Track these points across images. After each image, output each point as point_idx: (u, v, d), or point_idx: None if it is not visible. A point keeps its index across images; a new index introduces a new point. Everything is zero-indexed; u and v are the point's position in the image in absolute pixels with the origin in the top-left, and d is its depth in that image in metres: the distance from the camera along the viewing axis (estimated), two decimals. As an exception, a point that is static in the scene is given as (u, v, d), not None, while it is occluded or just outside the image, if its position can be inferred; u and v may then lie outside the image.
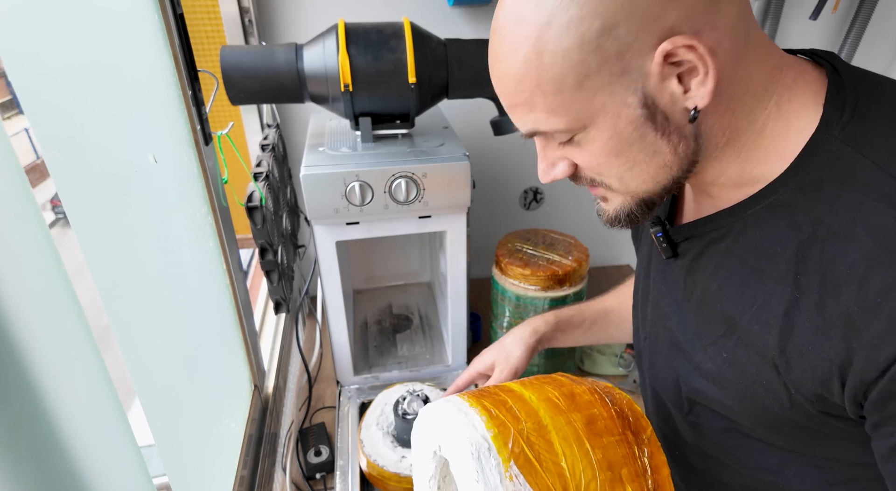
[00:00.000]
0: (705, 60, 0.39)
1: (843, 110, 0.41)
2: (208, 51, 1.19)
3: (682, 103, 0.41)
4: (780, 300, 0.43)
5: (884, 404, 0.39)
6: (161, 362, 0.57)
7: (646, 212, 0.49)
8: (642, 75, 0.40)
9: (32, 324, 0.34)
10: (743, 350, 0.47)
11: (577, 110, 0.43)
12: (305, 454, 0.98)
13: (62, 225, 0.43)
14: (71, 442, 0.37)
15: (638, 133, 0.43)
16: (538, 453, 0.44)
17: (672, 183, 0.46)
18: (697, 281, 0.52)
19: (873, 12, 1.27)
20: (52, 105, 0.43)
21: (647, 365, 0.63)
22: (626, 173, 0.46)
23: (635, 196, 0.48)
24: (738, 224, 0.47)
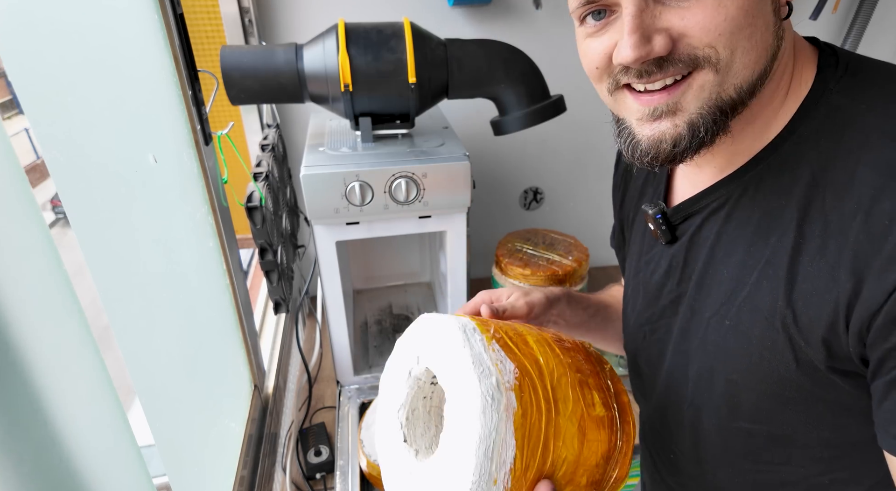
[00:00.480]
0: None
1: (836, 68, 0.44)
2: (208, 51, 1.19)
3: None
4: (785, 250, 0.44)
5: (889, 331, 0.38)
6: (161, 362, 0.57)
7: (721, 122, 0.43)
8: None
9: (32, 324, 0.34)
10: (747, 313, 0.47)
11: None
12: (305, 454, 0.98)
13: (62, 225, 0.43)
14: (71, 442, 0.37)
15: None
16: (516, 343, 0.47)
17: (758, 79, 0.43)
18: (697, 255, 0.52)
19: (873, 12, 1.27)
20: (52, 105, 0.43)
21: (653, 365, 0.61)
22: (746, 43, 0.41)
23: (725, 90, 0.42)
24: (737, 189, 0.48)
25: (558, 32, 1.24)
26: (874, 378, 0.42)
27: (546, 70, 0.89)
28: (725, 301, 0.49)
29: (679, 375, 0.57)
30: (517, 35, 1.22)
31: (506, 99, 0.88)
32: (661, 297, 0.57)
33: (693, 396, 0.56)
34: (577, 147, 1.41)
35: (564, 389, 0.45)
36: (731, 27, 0.40)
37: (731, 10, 0.39)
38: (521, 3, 1.21)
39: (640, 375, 0.65)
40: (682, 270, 0.54)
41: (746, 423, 0.52)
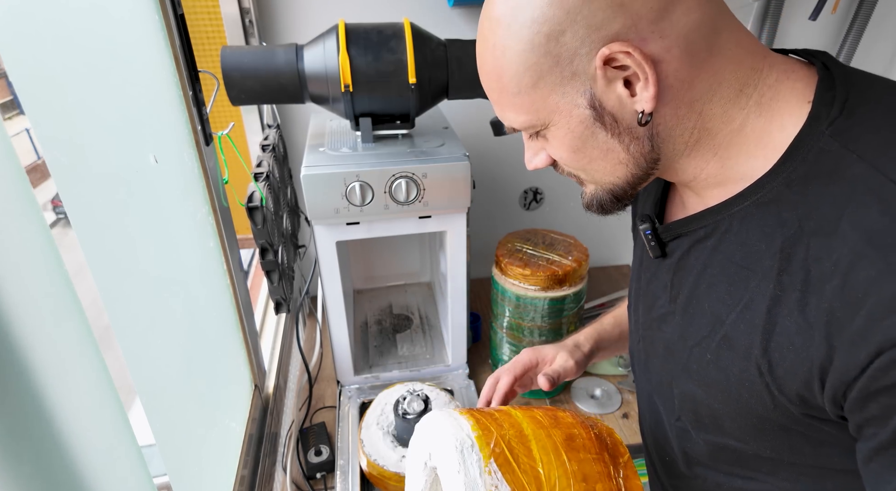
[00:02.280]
0: (643, 67, 0.41)
1: (831, 106, 0.41)
2: (209, 51, 1.20)
3: (630, 106, 0.44)
4: (764, 298, 0.43)
5: (864, 404, 0.38)
6: (162, 362, 0.57)
7: (615, 202, 0.52)
8: (590, 78, 0.43)
9: (33, 324, 0.34)
10: (727, 351, 0.47)
11: (535, 109, 0.46)
12: (306, 454, 0.98)
13: (63, 225, 0.43)
14: (71, 442, 0.37)
15: (589, 132, 0.46)
16: (517, 456, 0.47)
17: (633, 179, 0.49)
18: (684, 280, 0.52)
19: (873, 12, 1.27)
20: (53, 105, 0.43)
21: (641, 368, 0.63)
22: (587, 167, 0.49)
23: (603, 187, 0.51)
24: (724, 221, 0.47)
25: (558, 33, 1.23)
26: (857, 439, 0.42)
27: (546, 70, 0.89)
28: (707, 335, 0.49)
29: (665, 391, 0.57)
30: (517, 35, 1.22)
31: (506, 99, 0.88)
32: (654, 308, 0.58)
33: (679, 413, 0.56)
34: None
35: None
36: (568, 158, 0.49)
37: (563, 153, 0.49)
38: (521, 4, 1.21)
39: (635, 375, 0.66)
40: (670, 290, 0.54)
41: (732, 441, 0.52)
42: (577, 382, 1.17)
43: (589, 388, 1.16)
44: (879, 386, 0.37)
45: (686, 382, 0.53)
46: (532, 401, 1.13)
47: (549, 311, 1.01)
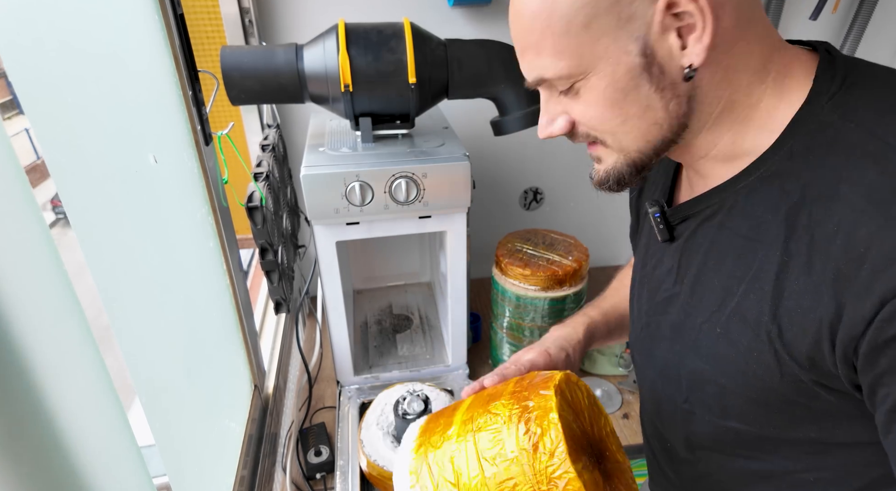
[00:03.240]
0: (704, 14, 0.40)
1: (832, 82, 0.43)
2: (209, 51, 1.20)
3: (678, 60, 0.43)
4: (772, 265, 0.45)
5: (874, 359, 0.39)
6: (161, 362, 0.57)
7: (634, 174, 0.51)
8: (646, 24, 0.42)
9: (33, 324, 0.34)
10: (736, 323, 0.48)
11: (581, 54, 0.44)
12: (305, 454, 0.98)
13: (62, 225, 0.43)
14: (71, 442, 0.37)
15: (633, 83, 0.44)
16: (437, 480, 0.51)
17: (661, 144, 0.48)
18: (692, 259, 0.53)
19: (873, 12, 1.27)
20: (53, 105, 0.43)
21: (645, 355, 0.63)
22: (619, 128, 0.48)
23: (627, 155, 0.50)
24: (730, 198, 0.49)
25: (558, 32, 1.24)
26: (873, 408, 0.42)
27: (546, 70, 0.89)
28: (716, 309, 0.50)
29: (672, 373, 0.58)
30: (517, 35, 1.22)
31: (506, 99, 0.88)
32: (659, 292, 0.59)
33: (686, 394, 0.57)
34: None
35: None
36: (601, 116, 0.47)
37: (597, 109, 0.47)
38: (521, 4, 1.21)
39: (637, 365, 0.67)
40: (678, 271, 0.55)
41: (735, 422, 0.53)
42: (577, 382, 1.17)
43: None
44: (886, 337, 0.37)
45: (694, 360, 0.54)
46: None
47: (550, 311, 1.01)
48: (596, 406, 0.56)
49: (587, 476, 0.46)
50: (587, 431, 0.52)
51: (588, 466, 0.48)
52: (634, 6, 0.41)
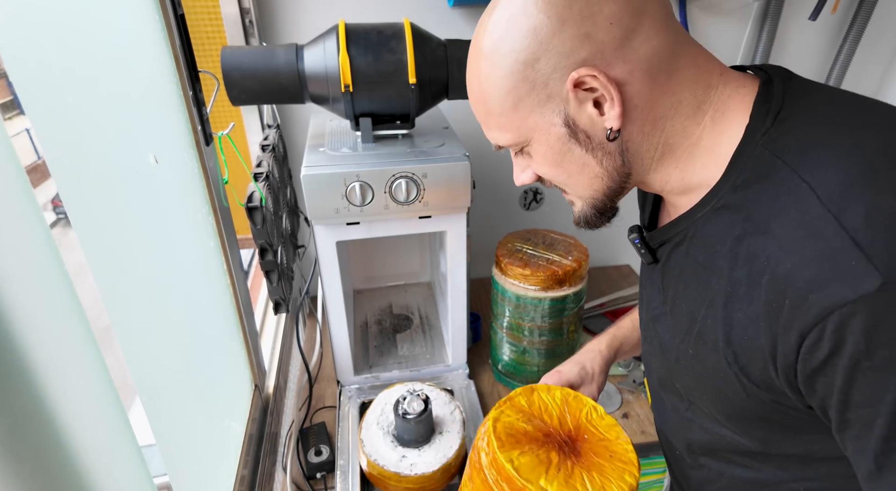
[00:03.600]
0: (608, 88, 0.45)
1: (766, 117, 0.45)
2: (209, 51, 1.20)
3: (600, 124, 0.48)
4: (721, 295, 0.47)
5: (811, 385, 0.42)
6: (162, 362, 0.57)
7: (598, 215, 0.56)
8: (563, 100, 0.47)
9: (33, 324, 0.34)
10: (702, 345, 0.51)
11: (518, 128, 0.51)
12: (306, 454, 0.98)
13: (63, 225, 0.43)
14: (72, 441, 0.37)
15: (566, 148, 0.50)
16: None
17: (609, 191, 0.53)
18: (670, 283, 0.56)
19: (872, 13, 1.27)
20: (53, 105, 0.43)
21: (648, 366, 0.67)
22: (567, 181, 0.54)
23: (585, 201, 0.55)
24: (692, 227, 0.51)
25: (558, 33, 1.23)
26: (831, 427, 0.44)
27: (546, 70, 0.89)
28: (686, 332, 0.53)
29: (669, 385, 0.61)
30: (517, 35, 1.22)
31: (506, 99, 0.88)
32: (650, 310, 0.62)
33: (688, 404, 0.60)
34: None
35: None
36: (550, 173, 0.54)
37: (545, 167, 0.54)
38: (521, 4, 1.21)
39: (648, 373, 0.69)
40: (662, 292, 0.59)
41: (728, 431, 0.56)
42: (577, 382, 1.17)
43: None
44: (813, 366, 0.40)
45: (681, 374, 0.57)
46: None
47: (550, 311, 1.01)
48: (575, 401, 0.65)
49: (525, 459, 0.56)
50: (550, 426, 0.62)
51: (535, 451, 0.57)
52: (550, 87, 0.47)
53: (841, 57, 1.33)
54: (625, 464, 0.57)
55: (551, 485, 0.53)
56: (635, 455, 0.59)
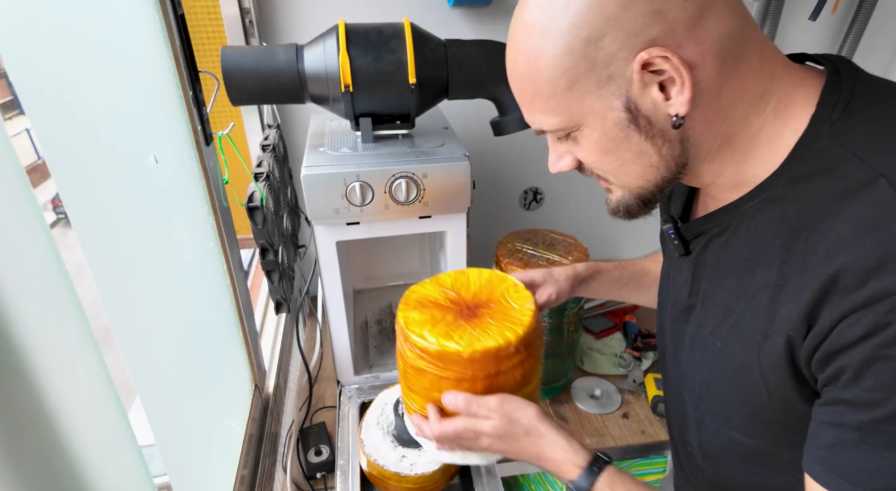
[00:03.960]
0: (680, 71, 0.42)
1: (833, 108, 0.44)
2: (209, 51, 1.20)
3: (664, 110, 0.45)
4: (767, 288, 0.46)
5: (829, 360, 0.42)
6: (162, 362, 0.57)
7: (642, 207, 0.53)
8: (626, 82, 0.44)
9: (33, 324, 0.34)
10: (733, 339, 0.50)
11: (570, 111, 0.47)
12: (306, 454, 0.98)
13: (63, 225, 0.43)
14: (72, 441, 0.37)
15: (623, 134, 0.47)
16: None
17: (662, 182, 0.50)
18: (703, 274, 0.55)
19: (872, 12, 1.27)
20: (53, 105, 0.43)
21: (670, 360, 0.65)
22: (618, 170, 0.50)
23: (631, 191, 0.52)
24: (736, 219, 0.50)
25: (558, 33, 1.23)
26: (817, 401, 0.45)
27: (546, 70, 0.89)
28: (718, 324, 0.52)
29: (689, 380, 0.60)
30: (517, 35, 1.22)
31: (506, 99, 0.88)
32: (678, 302, 0.61)
33: (698, 402, 0.59)
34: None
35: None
36: (599, 160, 0.50)
37: (594, 154, 0.50)
38: (521, 4, 1.21)
39: (666, 368, 0.68)
40: (692, 284, 0.57)
41: (738, 434, 0.55)
42: (577, 383, 1.17)
43: (589, 388, 1.16)
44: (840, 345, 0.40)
45: (702, 370, 0.56)
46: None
47: (549, 310, 1.01)
48: (498, 280, 0.69)
49: (419, 316, 0.63)
50: (461, 297, 0.67)
51: (432, 312, 0.64)
52: (612, 67, 0.43)
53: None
54: (513, 324, 0.61)
55: (431, 334, 0.60)
56: (531, 319, 0.62)
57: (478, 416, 0.60)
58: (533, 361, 0.63)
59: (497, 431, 0.59)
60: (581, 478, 0.56)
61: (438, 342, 0.59)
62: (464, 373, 0.60)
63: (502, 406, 0.59)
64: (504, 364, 0.60)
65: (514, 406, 0.59)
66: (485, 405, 0.60)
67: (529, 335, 0.61)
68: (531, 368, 0.63)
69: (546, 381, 1.12)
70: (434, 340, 0.60)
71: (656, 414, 1.09)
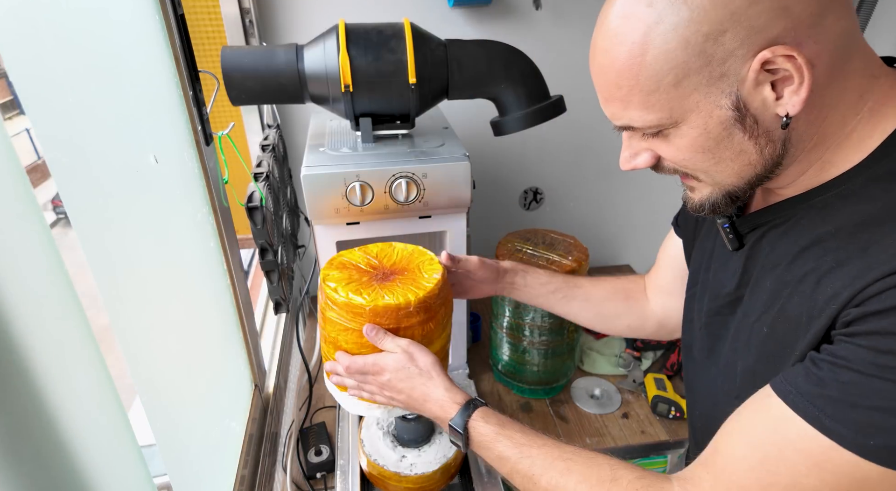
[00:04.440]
0: (802, 71, 0.41)
1: None
2: (209, 51, 1.20)
3: (773, 109, 0.43)
4: (816, 272, 0.46)
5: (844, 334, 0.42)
6: (162, 362, 0.57)
7: (729, 203, 0.51)
8: (738, 80, 0.42)
9: (33, 324, 0.34)
10: (780, 323, 0.49)
11: (671, 108, 0.45)
12: (306, 454, 0.98)
13: (63, 225, 0.43)
14: (72, 441, 0.37)
15: (726, 133, 0.45)
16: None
17: (756, 180, 0.49)
18: (755, 263, 0.55)
19: (873, 12, 1.27)
20: (54, 105, 0.43)
21: (704, 355, 0.65)
22: (712, 168, 0.48)
23: (722, 188, 0.50)
24: (803, 211, 0.49)
25: (558, 33, 1.24)
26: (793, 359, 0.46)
27: (546, 71, 0.89)
28: (764, 311, 0.52)
29: (730, 371, 0.59)
30: (517, 36, 1.22)
31: (506, 99, 0.88)
32: (721, 296, 0.60)
33: (739, 391, 0.58)
34: (577, 147, 1.41)
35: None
36: (692, 159, 0.48)
37: (688, 153, 0.48)
38: (521, 4, 1.21)
39: (695, 363, 0.67)
40: (741, 276, 0.56)
41: None
42: (577, 383, 1.17)
43: (589, 388, 1.16)
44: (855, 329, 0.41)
45: (747, 357, 0.55)
46: (531, 400, 1.13)
47: (549, 311, 1.01)
48: (417, 254, 0.75)
49: (338, 275, 0.70)
50: (381, 264, 0.73)
51: (351, 273, 0.71)
52: (727, 65, 0.42)
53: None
54: (416, 288, 0.68)
55: (344, 289, 0.67)
56: (434, 285, 0.68)
57: (385, 351, 0.67)
58: (434, 326, 0.70)
59: (398, 364, 0.66)
60: (458, 415, 0.63)
61: (346, 295, 0.66)
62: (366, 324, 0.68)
63: (409, 346, 0.66)
64: (403, 322, 0.67)
65: (418, 349, 0.66)
66: (393, 341, 0.66)
67: (430, 299, 0.68)
68: (431, 332, 0.70)
69: (546, 381, 1.12)
70: (343, 294, 0.67)
71: (656, 414, 1.09)
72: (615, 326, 0.86)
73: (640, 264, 1.63)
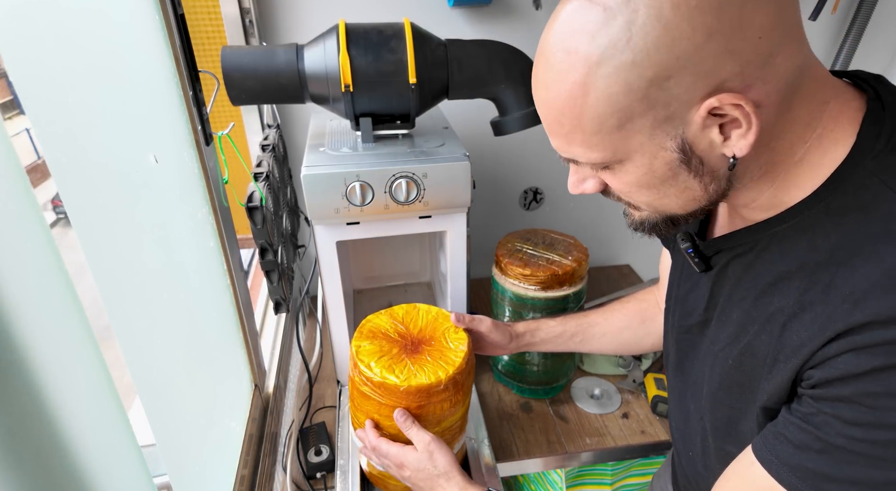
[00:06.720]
0: (750, 118, 0.39)
1: (876, 140, 0.41)
2: (209, 51, 1.20)
3: (720, 150, 0.42)
4: (783, 314, 0.45)
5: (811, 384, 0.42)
6: (162, 362, 0.57)
7: (670, 227, 0.51)
8: (684, 123, 0.41)
9: (33, 323, 0.34)
10: (747, 358, 0.50)
11: (614, 148, 0.44)
12: (306, 454, 0.98)
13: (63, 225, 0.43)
14: (72, 441, 0.37)
15: (672, 173, 0.44)
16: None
17: (699, 211, 0.49)
18: (721, 290, 0.55)
19: (872, 12, 1.27)
20: (54, 105, 0.43)
21: (674, 369, 0.66)
22: (655, 201, 0.48)
23: (661, 214, 0.50)
24: (763, 240, 0.49)
25: (558, 33, 1.23)
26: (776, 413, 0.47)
27: (546, 70, 0.89)
28: (730, 342, 0.52)
29: (697, 391, 0.60)
30: (517, 35, 1.22)
31: (506, 99, 0.88)
32: (692, 316, 0.60)
33: (704, 412, 0.59)
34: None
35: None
36: (637, 193, 0.48)
37: (632, 187, 0.47)
38: (521, 4, 1.21)
39: (671, 375, 0.68)
40: (709, 299, 0.57)
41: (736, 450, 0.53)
42: (577, 382, 1.17)
43: (589, 388, 1.16)
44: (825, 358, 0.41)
45: (711, 383, 0.56)
46: (531, 400, 1.13)
47: (549, 310, 1.01)
48: (442, 319, 0.80)
49: (370, 346, 0.73)
50: (408, 332, 0.78)
51: (381, 344, 0.74)
52: (672, 109, 0.40)
53: (841, 57, 1.33)
54: (446, 364, 0.71)
55: (377, 365, 0.71)
56: (463, 361, 0.72)
57: (406, 445, 0.71)
58: (461, 396, 0.74)
59: (419, 464, 0.69)
60: None
61: (381, 374, 0.70)
62: (399, 401, 0.71)
63: (430, 443, 0.69)
64: (434, 397, 0.71)
65: (438, 448, 0.69)
66: (419, 434, 0.70)
67: (459, 374, 0.71)
68: (459, 401, 0.74)
69: (546, 381, 1.12)
70: (378, 371, 0.70)
71: (656, 414, 1.09)
72: (640, 348, 0.88)
73: (640, 264, 1.63)
